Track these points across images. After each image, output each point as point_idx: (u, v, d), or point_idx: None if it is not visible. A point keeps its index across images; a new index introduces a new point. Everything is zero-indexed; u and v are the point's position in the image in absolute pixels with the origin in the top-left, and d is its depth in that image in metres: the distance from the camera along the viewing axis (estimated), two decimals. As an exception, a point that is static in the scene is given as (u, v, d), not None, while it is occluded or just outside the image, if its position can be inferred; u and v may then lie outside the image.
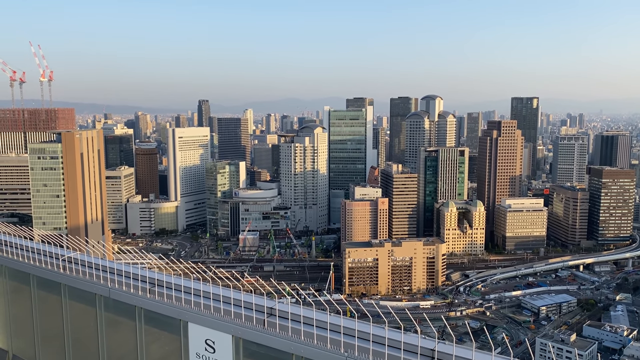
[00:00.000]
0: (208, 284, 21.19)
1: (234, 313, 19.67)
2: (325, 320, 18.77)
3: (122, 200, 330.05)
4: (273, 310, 19.67)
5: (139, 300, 21.97)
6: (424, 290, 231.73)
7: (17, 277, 26.53)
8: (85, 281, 23.65)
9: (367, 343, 16.97)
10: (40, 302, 25.99)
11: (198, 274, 21.85)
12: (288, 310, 19.02)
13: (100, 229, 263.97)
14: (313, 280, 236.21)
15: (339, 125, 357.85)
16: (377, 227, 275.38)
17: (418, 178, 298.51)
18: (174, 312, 21.00)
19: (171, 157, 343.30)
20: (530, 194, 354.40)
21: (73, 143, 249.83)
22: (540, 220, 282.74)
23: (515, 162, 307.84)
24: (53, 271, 24.58)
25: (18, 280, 26.61)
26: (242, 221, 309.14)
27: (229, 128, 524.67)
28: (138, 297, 21.97)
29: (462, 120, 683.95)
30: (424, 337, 17.46)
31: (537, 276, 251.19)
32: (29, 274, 25.73)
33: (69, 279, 24.13)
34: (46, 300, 25.74)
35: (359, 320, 17.73)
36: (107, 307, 23.40)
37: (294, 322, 18.52)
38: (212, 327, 19.97)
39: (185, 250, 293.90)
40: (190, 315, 20.54)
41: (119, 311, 23.03)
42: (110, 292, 22.79)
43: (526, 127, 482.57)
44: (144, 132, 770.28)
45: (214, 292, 20.75)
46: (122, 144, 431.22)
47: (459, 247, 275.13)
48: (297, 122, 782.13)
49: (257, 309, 19.75)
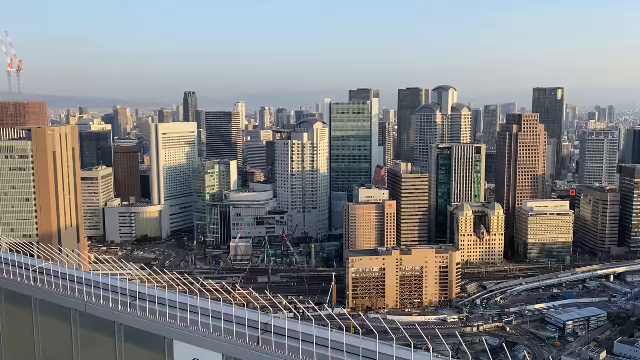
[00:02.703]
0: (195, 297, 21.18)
1: (225, 330, 19.65)
2: (327, 337, 18.77)
3: (99, 204, 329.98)
4: (268, 326, 19.65)
5: (118, 316, 21.94)
6: (437, 304, 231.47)
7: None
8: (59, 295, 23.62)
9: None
10: (8, 318, 25.94)
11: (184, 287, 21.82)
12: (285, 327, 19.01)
13: (75, 236, 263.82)
14: (313, 293, 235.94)
15: (341, 119, 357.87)
16: (384, 233, 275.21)
17: (429, 178, 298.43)
18: (157, 328, 20.97)
19: (154, 156, 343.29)
20: (555, 195, 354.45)
21: (45, 141, 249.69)
22: (566, 225, 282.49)
23: (538, 160, 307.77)
24: (23, 284, 24.56)
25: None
26: (234, 227, 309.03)
27: (219, 123, 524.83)
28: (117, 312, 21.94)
29: (478, 113, 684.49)
30: (436, 355, 17.47)
31: (563, 287, 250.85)
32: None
33: (40, 293, 24.10)
34: (15, 316, 25.70)
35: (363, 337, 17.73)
36: (83, 323, 23.38)
37: (292, 339, 18.51)
38: (200, 345, 19.95)
39: (170, 260, 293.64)
40: (176, 332, 20.51)
41: (97, 327, 23.00)
42: (87, 307, 22.77)
43: (550, 121, 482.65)
44: (124, 128, 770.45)
45: (202, 306, 20.73)
46: (99, 141, 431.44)
47: (476, 256, 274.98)
48: (295, 117, 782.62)
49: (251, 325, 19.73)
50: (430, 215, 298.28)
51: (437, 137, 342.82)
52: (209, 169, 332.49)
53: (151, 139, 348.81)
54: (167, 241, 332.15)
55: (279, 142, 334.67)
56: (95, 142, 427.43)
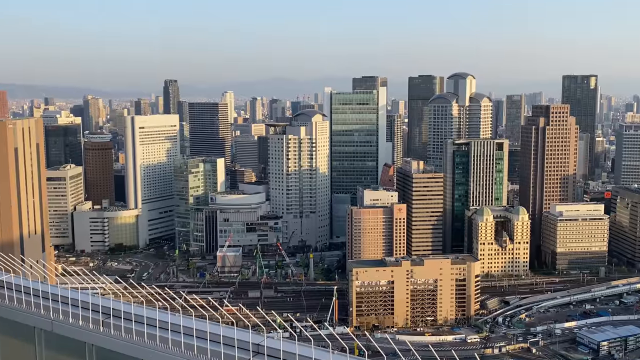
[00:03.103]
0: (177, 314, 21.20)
1: (211, 351, 19.67)
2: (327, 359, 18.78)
3: (67, 209, 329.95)
4: (260, 347, 19.69)
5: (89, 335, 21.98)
6: (453, 322, 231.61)
7: None
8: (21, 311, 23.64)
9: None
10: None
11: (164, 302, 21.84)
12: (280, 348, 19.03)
13: (40, 244, 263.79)
14: (311, 309, 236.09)
15: (344, 111, 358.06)
16: (392, 241, 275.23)
17: (444, 178, 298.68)
18: (133, 349, 21.00)
19: (130, 153, 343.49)
20: (587, 198, 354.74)
21: (5, 135, 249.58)
22: (600, 231, 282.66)
23: (568, 157, 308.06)
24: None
25: None
26: (221, 234, 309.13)
27: (204, 116, 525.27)
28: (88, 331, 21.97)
29: (500, 104, 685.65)
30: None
31: (597, 303, 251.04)
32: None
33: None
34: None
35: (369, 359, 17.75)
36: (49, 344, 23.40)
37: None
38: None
39: (149, 272, 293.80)
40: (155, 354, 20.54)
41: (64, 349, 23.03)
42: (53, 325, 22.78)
43: (582, 113, 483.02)
44: (96, 121, 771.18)
45: (184, 324, 20.76)
46: (67, 136, 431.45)
47: (497, 267, 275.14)
48: (291, 108, 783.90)
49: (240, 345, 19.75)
50: (445, 220, 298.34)
51: (453, 132, 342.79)
52: (192, 167, 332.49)
53: (126, 134, 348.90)
54: (144, 250, 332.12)
55: (272, 137, 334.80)
56: (63, 137, 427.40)
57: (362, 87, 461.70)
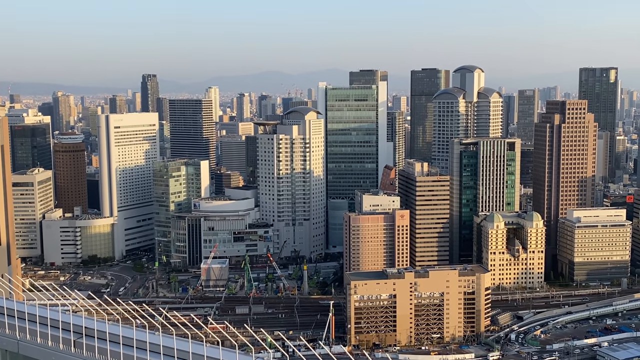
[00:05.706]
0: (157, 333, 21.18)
1: (194, 373, 19.68)
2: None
3: (36, 217, 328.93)
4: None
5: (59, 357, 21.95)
6: (461, 339, 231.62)
7: None
8: (-16, 331, 23.58)
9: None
10: None
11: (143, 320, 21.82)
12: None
13: (6, 257, 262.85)
14: (305, 327, 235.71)
15: (340, 108, 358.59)
16: (394, 250, 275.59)
17: (451, 182, 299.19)
18: (109, 373, 20.99)
19: (104, 155, 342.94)
20: (608, 202, 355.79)
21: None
22: (621, 239, 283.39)
23: (586, 158, 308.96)
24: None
25: None
26: (205, 245, 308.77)
27: (186, 113, 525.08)
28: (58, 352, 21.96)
29: (511, 100, 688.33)
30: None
31: (619, 318, 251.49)
32: None
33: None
34: None
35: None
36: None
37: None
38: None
39: (125, 286, 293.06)
40: (133, 377, 20.51)
41: (32, 372, 22.99)
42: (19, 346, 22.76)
43: (601, 109, 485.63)
44: (66, 120, 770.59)
45: (165, 344, 20.76)
46: (35, 137, 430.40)
47: (509, 278, 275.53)
48: (281, 105, 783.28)
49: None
50: (452, 228, 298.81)
51: (460, 130, 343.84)
52: (173, 171, 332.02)
53: (101, 134, 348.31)
54: (121, 263, 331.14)
55: (261, 137, 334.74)
56: (30, 138, 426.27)
57: (360, 81, 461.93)
